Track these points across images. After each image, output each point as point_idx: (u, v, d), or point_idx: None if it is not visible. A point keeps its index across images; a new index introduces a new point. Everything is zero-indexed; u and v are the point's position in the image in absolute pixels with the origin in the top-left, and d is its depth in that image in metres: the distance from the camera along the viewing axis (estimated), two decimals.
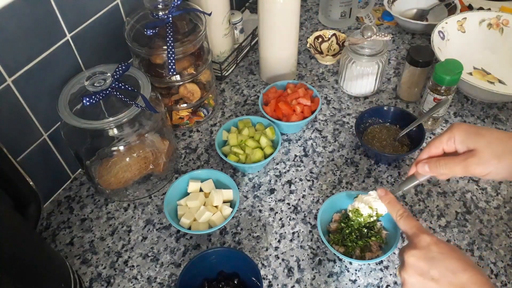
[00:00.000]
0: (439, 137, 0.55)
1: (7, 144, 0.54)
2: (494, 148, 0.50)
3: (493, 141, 0.50)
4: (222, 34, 0.96)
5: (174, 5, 0.75)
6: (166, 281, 0.68)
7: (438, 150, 0.56)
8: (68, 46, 0.71)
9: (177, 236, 0.73)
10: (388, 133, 0.84)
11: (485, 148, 0.50)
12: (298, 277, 0.67)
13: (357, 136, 0.81)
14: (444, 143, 0.55)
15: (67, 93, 0.67)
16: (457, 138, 0.53)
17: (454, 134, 0.53)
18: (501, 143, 0.50)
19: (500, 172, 0.50)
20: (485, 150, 0.50)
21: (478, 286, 0.45)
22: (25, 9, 0.61)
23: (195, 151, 0.86)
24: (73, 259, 0.71)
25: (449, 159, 0.53)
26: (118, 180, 0.73)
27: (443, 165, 0.53)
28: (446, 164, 0.53)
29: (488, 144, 0.50)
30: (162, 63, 0.79)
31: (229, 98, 0.96)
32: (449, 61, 0.79)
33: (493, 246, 0.70)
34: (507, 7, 1.08)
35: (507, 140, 0.50)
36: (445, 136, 0.54)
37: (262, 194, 0.78)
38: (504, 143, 0.50)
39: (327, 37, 1.06)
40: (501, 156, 0.50)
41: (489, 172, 0.51)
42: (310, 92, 0.87)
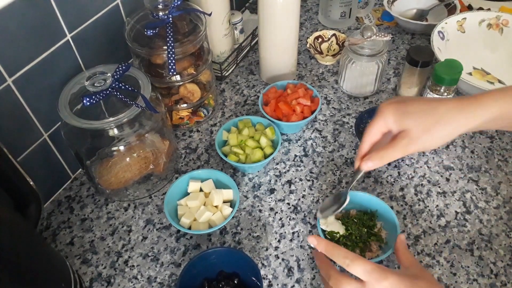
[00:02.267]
0: (375, 123, 0.57)
1: (7, 144, 0.54)
2: (422, 123, 0.52)
3: (419, 117, 0.53)
4: (222, 34, 0.96)
5: (174, 6, 0.75)
6: (166, 281, 0.68)
7: (377, 137, 0.58)
8: (69, 46, 0.71)
9: (177, 236, 0.73)
10: None
11: (414, 126, 0.53)
12: (298, 276, 0.67)
13: (357, 136, 0.81)
14: (381, 128, 0.56)
15: (68, 93, 0.68)
16: (389, 120, 0.55)
17: (386, 117, 0.55)
18: (428, 116, 0.52)
19: (432, 143, 0.54)
20: (414, 128, 0.53)
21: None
22: (25, 9, 0.61)
23: (195, 151, 0.86)
24: (73, 259, 0.71)
25: (387, 148, 0.55)
26: (119, 180, 0.73)
27: (384, 155, 0.55)
28: (387, 154, 0.55)
29: (415, 122, 0.53)
30: (162, 63, 0.79)
31: (229, 98, 0.96)
32: (448, 61, 0.79)
33: (493, 246, 0.70)
34: (507, 7, 1.08)
35: (432, 111, 0.52)
36: (379, 121, 0.56)
37: (262, 194, 0.78)
38: (430, 115, 0.52)
39: (327, 37, 1.06)
40: (429, 130, 0.52)
41: (425, 146, 0.54)
42: (310, 92, 0.87)
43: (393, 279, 0.51)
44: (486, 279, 0.66)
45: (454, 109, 0.53)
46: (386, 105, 0.56)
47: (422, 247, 0.70)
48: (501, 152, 0.83)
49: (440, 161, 0.82)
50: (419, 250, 0.70)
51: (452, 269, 0.67)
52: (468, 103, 0.53)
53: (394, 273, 0.52)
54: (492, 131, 0.86)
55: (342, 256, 0.54)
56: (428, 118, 0.52)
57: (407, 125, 0.53)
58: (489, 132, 0.86)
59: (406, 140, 0.53)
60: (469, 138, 0.85)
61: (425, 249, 0.70)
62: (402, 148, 0.54)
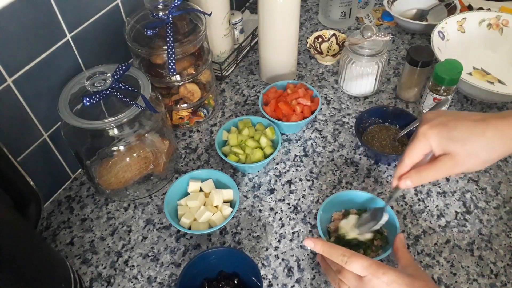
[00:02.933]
0: (417, 145, 0.55)
1: (7, 144, 0.54)
2: (469, 148, 0.52)
3: (465, 143, 0.52)
4: (222, 34, 0.96)
5: (174, 6, 0.75)
6: (166, 281, 0.68)
7: (419, 158, 0.56)
8: (69, 46, 0.71)
9: (177, 236, 0.73)
10: (387, 133, 0.84)
11: (460, 151, 0.52)
12: (298, 277, 0.67)
13: (357, 136, 0.81)
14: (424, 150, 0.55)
15: (67, 93, 0.68)
16: (433, 144, 0.54)
17: (429, 140, 0.54)
18: (474, 141, 0.52)
19: (480, 166, 0.53)
20: (460, 153, 0.52)
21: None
22: (25, 9, 0.61)
23: (195, 151, 0.86)
24: (73, 259, 0.71)
25: (429, 169, 0.54)
26: (118, 180, 0.73)
27: (425, 176, 0.55)
28: (428, 175, 0.55)
29: (461, 148, 0.52)
30: (162, 63, 0.79)
31: (229, 98, 0.96)
32: (448, 61, 0.79)
33: (493, 246, 0.70)
34: (507, 7, 1.08)
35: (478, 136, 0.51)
36: (423, 143, 0.55)
37: (262, 194, 0.78)
38: (477, 140, 0.52)
39: (327, 37, 1.06)
40: (476, 153, 0.52)
41: (469, 169, 0.53)
42: (310, 92, 0.87)
43: (392, 275, 0.51)
44: (486, 279, 0.66)
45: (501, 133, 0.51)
46: (428, 128, 0.54)
47: (422, 247, 0.70)
48: None
49: None
50: (419, 250, 0.70)
51: (452, 269, 0.67)
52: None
53: (392, 269, 0.52)
54: None
55: (340, 254, 0.54)
56: (475, 143, 0.51)
57: (452, 150, 0.52)
58: None
59: (451, 163, 0.53)
60: None
61: (425, 249, 0.70)
62: (445, 171, 0.53)
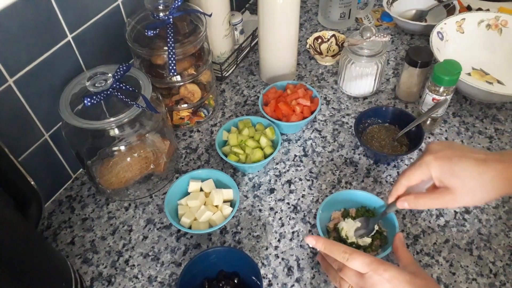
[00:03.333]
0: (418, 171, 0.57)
1: (8, 144, 0.54)
2: (467, 186, 0.54)
3: (466, 180, 0.54)
4: (223, 35, 0.96)
5: (175, 6, 0.75)
6: (166, 280, 0.68)
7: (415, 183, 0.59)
8: (69, 46, 0.71)
9: (178, 236, 0.73)
10: (387, 133, 0.85)
11: (459, 187, 0.54)
12: (298, 276, 0.68)
13: (356, 136, 0.81)
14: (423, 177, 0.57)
15: (68, 94, 0.68)
16: (434, 174, 0.56)
17: (431, 171, 0.56)
18: (474, 180, 0.54)
19: (476, 203, 0.55)
20: (459, 189, 0.54)
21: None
22: (26, 9, 0.62)
23: (195, 151, 0.86)
24: (74, 259, 0.71)
25: (427, 198, 0.57)
26: (119, 180, 0.73)
27: (422, 204, 0.58)
28: (425, 203, 0.58)
29: (461, 184, 0.54)
30: (163, 63, 0.80)
31: (229, 99, 0.96)
32: (448, 62, 0.79)
33: (492, 246, 0.70)
34: (506, 8, 1.09)
35: (478, 176, 0.54)
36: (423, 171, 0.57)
37: (262, 193, 0.79)
38: (477, 179, 0.54)
39: (326, 38, 1.06)
40: (474, 192, 0.54)
41: (465, 204, 0.56)
42: (310, 92, 0.87)
43: (393, 272, 0.52)
44: (485, 279, 0.66)
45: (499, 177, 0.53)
46: (433, 159, 0.56)
47: (421, 247, 0.70)
48: None
49: None
50: (418, 250, 0.70)
51: (451, 268, 0.67)
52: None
53: (394, 266, 0.52)
54: (491, 131, 0.87)
55: (341, 251, 0.55)
56: (474, 182, 0.54)
57: (452, 184, 0.55)
58: (488, 132, 0.86)
59: (449, 197, 0.55)
60: (468, 138, 0.86)
61: (424, 248, 0.70)
62: (443, 204, 0.56)
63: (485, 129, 0.87)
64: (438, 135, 0.86)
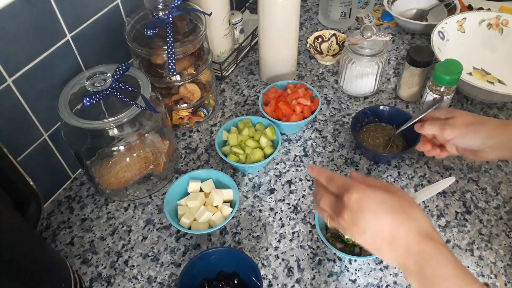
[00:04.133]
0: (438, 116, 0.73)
1: (7, 144, 0.54)
2: (467, 117, 0.67)
3: (468, 114, 0.68)
4: (222, 34, 0.96)
5: (174, 6, 0.75)
6: (166, 281, 0.68)
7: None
8: (68, 46, 0.71)
9: (177, 236, 0.73)
10: (383, 132, 0.85)
11: (461, 116, 0.68)
12: (298, 277, 0.67)
13: (353, 135, 0.81)
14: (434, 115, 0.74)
15: (68, 93, 0.68)
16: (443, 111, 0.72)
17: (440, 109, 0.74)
18: (474, 116, 0.68)
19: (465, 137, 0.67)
20: (459, 117, 0.68)
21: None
22: (25, 9, 0.61)
23: (195, 151, 0.86)
24: (73, 259, 0.71)
25: (433, 120, 0.72)
26: (118, 180, 0.73)
27: (429, 123, 0.72)
28: (430, 122, 0.72)
29: (464, 114, 0.68)
30: (162, 63, 0.79)
31: (229, 98, 0.96)
32: (448, 61, 0.79)
33: (493, 246, 0.70)
34: (507, 7, 1.08)
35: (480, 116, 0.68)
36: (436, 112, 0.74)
37: (262, 194, 0.78)
38: (477, 116, 0.68)
39: (327, 37, 1.06)
40: (469, 124, 0.66)
41: (456, 134, 0.67)
42: (310, 92, 0.87)
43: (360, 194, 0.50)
44: (486, 279, 0.66)
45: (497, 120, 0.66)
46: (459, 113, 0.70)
47: None
48: None
49: (440, 161, 0.82)
50: None
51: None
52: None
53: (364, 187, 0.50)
54: None
55: (325, 176, 0.54)
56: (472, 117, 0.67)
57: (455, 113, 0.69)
58: None
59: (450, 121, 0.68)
60: None
61: None
62: (443, 125, 0.68)
63: None
64: None
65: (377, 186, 0.51)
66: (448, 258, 0.46)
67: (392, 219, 0.47)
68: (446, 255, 0.46)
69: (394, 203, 0.48)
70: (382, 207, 0.48)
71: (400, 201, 0.49)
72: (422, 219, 0.48)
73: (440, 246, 0.46)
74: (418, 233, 0.47)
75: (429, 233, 0.47)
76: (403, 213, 0.48)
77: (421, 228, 0.47)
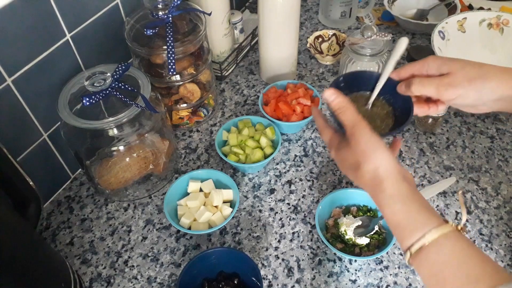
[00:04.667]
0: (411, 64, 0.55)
1: (7, 144, 0.54)
2: (467, 71, 0.51)
3: (466, 65, 0.52)
4: (222, 34, 0.95)
5: (174, 5, 0.75)
6: (166, 281, 0.68)
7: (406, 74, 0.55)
8: (68, 46, 0.71)
9: (177, 236, 0.73)
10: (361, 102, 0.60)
11: (459, 70, 0.52)
12: (298, 277, 0.67)
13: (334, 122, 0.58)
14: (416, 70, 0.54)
15: (67, 93, 0.67)
16: (431, 65, 0.53)
17: (428, 62, 0.53)
18: (474, 68, 0.52)
19: (469, 96, 0.52)
20: (458, 72, 0.52)
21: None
22: (24, 9, 0.61)
23: (195, 151, 0.86)
24: (73, 259, 0.71)
25: (424, 78, 0.53)
26: (118, 180, 0.73)
27: (418, 82, 0.53)
28: (421, 81, 0.53)
29: (461, 67, 0.52)
30: (162, 63, 0.79)
31: (229, 98, 0.96)
32: None
33: (493, 246, 0.70)
34: (507, 7, 1.08)
35: (479, 66, 0.52)
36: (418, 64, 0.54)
37: (262, 194, 0.78)
38: (477, 68, 0.52)
39: (327, 37, 1.06)
40: (472, 79, 0.51)
41: (459, 94, 0.52)
42: (310, 92, 0.87)
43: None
44: None
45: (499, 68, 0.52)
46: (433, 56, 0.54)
47: None
48: (501, 152, 0.83)
49: (440, 161, 0.82)
50: None
51: None
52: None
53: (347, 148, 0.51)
54: (492, 131, 0.86)
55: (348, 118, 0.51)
56: (473, 70, 0.52)
57: (451, 69, 0.52)
58: (490, 132, 0.86)
59: (447, 79, 0.52)
60: (470, 138, 0.85)
61: None
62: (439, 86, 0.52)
63: (487, 129, 0.87)
64: (439, 135, 0.86)
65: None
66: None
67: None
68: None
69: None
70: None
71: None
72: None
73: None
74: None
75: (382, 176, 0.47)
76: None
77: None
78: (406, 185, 0.46)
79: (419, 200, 0.46)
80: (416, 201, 0.46)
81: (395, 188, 0.46)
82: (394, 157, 0.48)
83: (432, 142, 0.85)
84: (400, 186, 0.46)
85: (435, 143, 0.85)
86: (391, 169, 0.47)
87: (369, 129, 0.49)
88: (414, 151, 0.83)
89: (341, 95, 0.52)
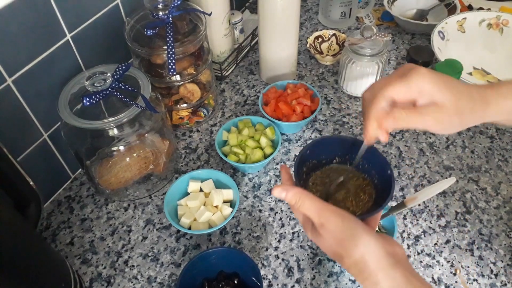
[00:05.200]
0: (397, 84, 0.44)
1: (7, 144, 0.54)
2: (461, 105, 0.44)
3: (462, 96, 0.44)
4: (222, 34, 0.96)
5: (174, 5, 0.75)
6: (166, 281, 0.68)
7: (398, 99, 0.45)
8: (68, 46, 0.71)
9: (177, 236, 0.73)
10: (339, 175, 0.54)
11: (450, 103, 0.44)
12: (298, 277, 0.67)
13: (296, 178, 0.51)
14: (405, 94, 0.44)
15: (67, 93, 0.68)
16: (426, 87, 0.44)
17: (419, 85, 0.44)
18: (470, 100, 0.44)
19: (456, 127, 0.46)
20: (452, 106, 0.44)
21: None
22: (25, 9, 0.61)
23: (195, 151, 0.86)
24: (73, 259, 0.71)
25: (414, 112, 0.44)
26: (118, 180, 0.73)
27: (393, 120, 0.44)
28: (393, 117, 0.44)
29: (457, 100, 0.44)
30: (162, 63, 0.79)
31: (229, 98, 0.96)
32: (449, 61, 0.79)
33: (493, 246, 0.70)
34: (507, 7, 1.08)
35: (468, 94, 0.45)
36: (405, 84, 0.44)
37: (262, 194, 0.78)
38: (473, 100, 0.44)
39: (327, 37, 1.06)
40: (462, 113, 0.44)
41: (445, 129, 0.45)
42: (310, 92, 0.87)
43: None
44: (486, 279, 0.66)
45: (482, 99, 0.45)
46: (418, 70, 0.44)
47: (422, 247, 0.70)
48: (501, 152, 0.83)
49: (440, 161, 0.82)
50: (419, 250, 0.69)
51: (452, 269, 0.67)
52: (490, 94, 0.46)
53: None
54: (492, 131, 0.86)
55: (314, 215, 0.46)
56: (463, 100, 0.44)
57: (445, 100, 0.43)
58: (489, 132, 0.86)
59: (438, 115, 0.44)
60: (469, 138, 0.85)
61: (425, 249, 0.70)
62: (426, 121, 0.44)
63: (486, 129, 0.87)
64: (439, 135, 0.86)
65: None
66: None
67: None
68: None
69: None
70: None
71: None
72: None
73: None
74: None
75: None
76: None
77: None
78: (400, 273, 0.42)
79: (418, 285, 0.43)
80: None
81: (389, 279, 0.42)
82: (376, 238, 0.43)
83: (432, 142, 0.85)
84: (395, 275, 0.42)
85: (434, 143, 0.85)
86: (379, 255, 0.43)
87: (337, 214, 0.44)
88: (414, 151, 0.83)
89: (290, 188, 0.45)
